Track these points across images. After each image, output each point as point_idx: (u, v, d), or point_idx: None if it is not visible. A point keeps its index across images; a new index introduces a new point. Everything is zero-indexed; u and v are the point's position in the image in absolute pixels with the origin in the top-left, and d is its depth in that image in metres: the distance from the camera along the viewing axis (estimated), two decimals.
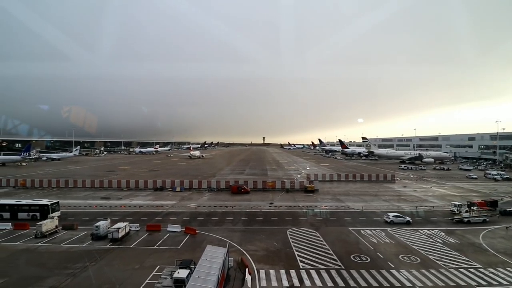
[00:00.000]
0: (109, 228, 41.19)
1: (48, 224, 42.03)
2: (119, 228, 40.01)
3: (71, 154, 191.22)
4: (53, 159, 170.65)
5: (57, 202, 53.15)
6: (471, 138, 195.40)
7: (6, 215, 50.13)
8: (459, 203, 55.99)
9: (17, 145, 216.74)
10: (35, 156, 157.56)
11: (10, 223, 45.52)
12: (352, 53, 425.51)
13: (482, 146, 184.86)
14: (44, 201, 52.42)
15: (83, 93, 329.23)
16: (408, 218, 49.92)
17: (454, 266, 33.51)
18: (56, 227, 43.35)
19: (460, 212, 53.15)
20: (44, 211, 49.77)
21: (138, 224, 45.60)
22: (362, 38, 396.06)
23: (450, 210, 55.39)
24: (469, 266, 33.46)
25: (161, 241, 40.17)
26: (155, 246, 38.29)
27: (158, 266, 31.81)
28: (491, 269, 32.74)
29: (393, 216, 49.98)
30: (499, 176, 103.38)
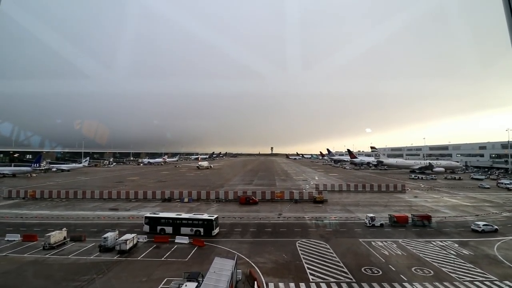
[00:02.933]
0: (117, 239, 40.99)
1: (56, 236, 42.07)
2: (127, 239, 39.80)
3: (81, 165, 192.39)
4: (62, 170, 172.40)
5: (217, 217, 49.79)
6: (482, 147, 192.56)
7: (169, 229, 47.40)
8: (372, 215, 55.14)
9: (28, 156, 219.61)
10: (45, 167, 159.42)
11: (19, 234, 45.47)
12: (360, 65, 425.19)
13: (494, 155, 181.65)
14: (205, 215, 49.23)
15: (95, 107, 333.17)
16: (496, 226, 49.65)
17: (468, 278, 32.45)
18: (64, 238, 43.38)
19: (373, 224, 52.87)
20: (208, 226, 46.91)
21: (146, 236, 45.44)
22: (370, 52, 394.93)
23: (364, 223, 54.29)
24: (484, 279, 32.39)
25: (168, 253, 39.85)
26: (162, 258, 37.96)
27: (166, 279, 31.36)
28: (507, 282, 31.61)
29: (483, 225, 49.60)
30: None
